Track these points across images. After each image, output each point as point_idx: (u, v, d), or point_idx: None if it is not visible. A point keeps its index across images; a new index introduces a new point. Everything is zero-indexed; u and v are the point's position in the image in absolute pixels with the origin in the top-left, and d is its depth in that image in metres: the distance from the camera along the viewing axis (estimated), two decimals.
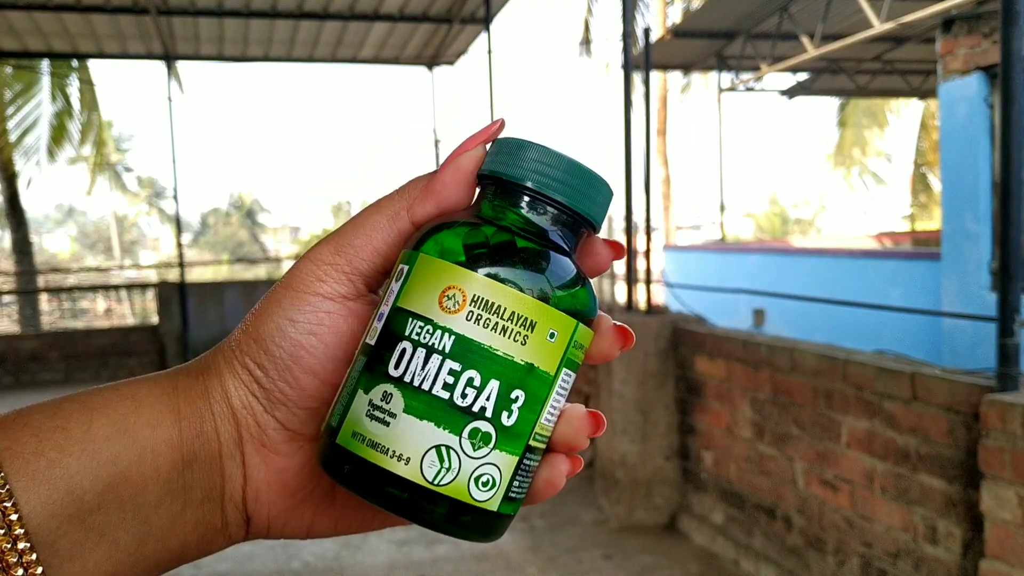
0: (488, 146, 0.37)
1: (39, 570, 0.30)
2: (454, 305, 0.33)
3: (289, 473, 0.37)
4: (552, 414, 0.35)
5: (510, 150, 0.36)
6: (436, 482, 0.33)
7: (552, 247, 0.35)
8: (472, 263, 0.34)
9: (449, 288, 0.33)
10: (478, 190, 0.38)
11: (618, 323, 0.38)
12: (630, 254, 4.56)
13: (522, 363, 0.34)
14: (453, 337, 0.33)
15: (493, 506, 0.34)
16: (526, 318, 0.33)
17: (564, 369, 0.35)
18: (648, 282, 4.41)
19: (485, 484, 0.33)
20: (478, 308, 0.33)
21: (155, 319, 8.69)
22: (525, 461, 0.35)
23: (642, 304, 4.45)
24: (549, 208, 0.36)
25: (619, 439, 3.97)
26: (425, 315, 0.33)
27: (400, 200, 0.37)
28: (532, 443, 0.35)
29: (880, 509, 2.70)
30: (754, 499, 3.40)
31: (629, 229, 4.54)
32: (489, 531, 0.35)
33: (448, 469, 0.33)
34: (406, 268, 0.35)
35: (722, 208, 11.34)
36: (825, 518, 2.97)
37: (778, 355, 3.19)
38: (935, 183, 18.13)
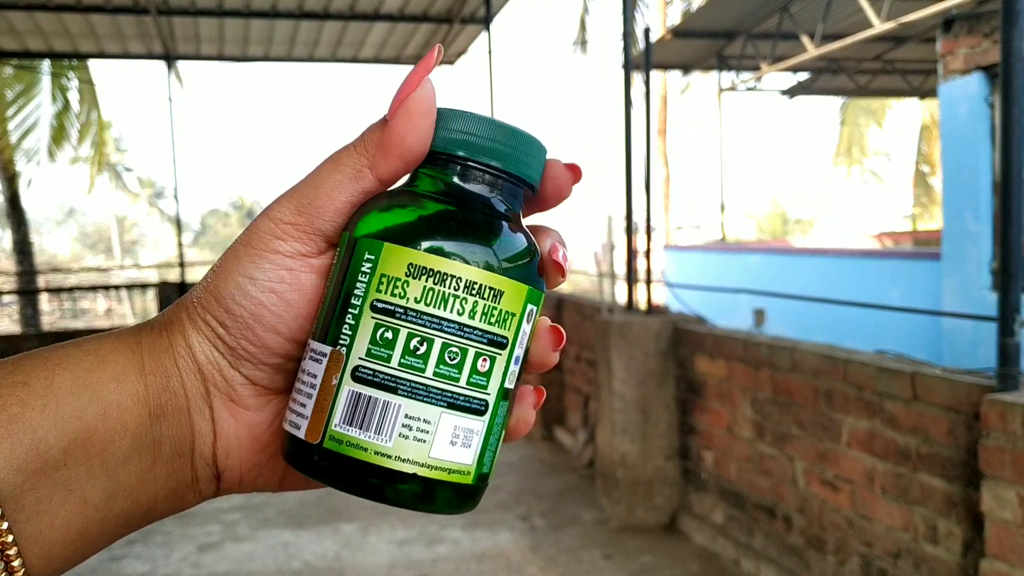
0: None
1: (5, 525, 0.29)
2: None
3: (260, 427, 0.37)
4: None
5: (440, 120, 0.35)
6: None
7: (492, 214, 0.35)
8: (413, 240, 0.33)
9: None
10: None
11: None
12: (630, 254, 4.56)
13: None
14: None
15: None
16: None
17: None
18: (648, 282, 4.41)
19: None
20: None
21: None
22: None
23: (642, 304, 4.45)
24: (485, 175, 0.35)
25: (619, 439, 3.97)
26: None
27: (359, 156, 0.35)
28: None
29: (880, 509, 2.70)
30: (754, 499, 3.39)
31: (629, 229, 4.54)
32: (471, 498, 0.35)
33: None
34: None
35: (722, 208, 11.33)
36: (825, 518, 2.97)
37: (778, 355, 3.19)
38: (935, 183, 18.12)
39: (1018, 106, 2.33)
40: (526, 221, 0.38)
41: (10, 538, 0.29)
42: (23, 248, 10.42)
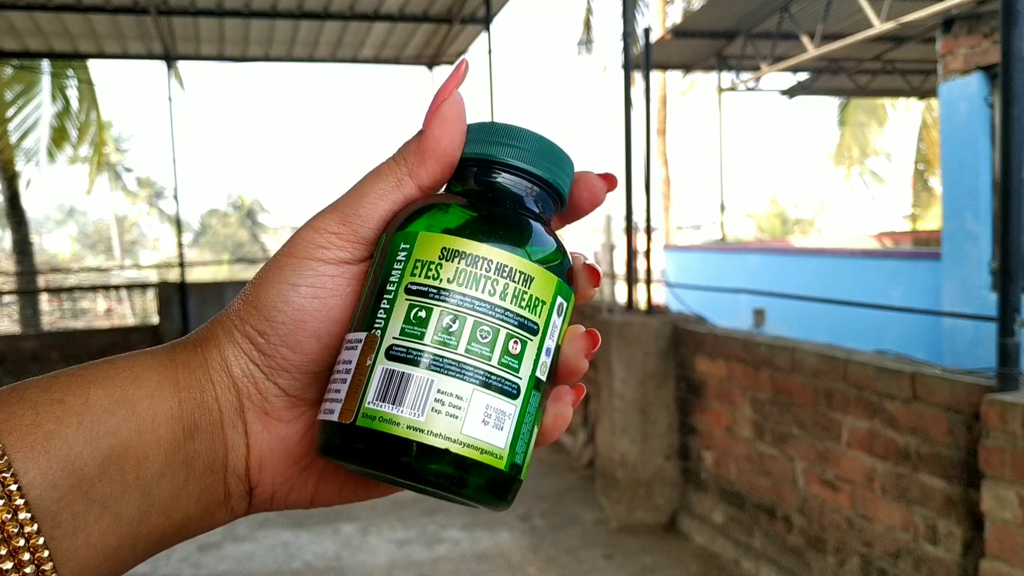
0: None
1: (41, 540, 0.29)
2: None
3: (292, 440, 0.37)
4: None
5: (475, 130, 0.38)
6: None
7: (526, 213, 0.37)
8: (448, 228, 0.35)
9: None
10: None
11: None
12: (630, 254, 4.56)
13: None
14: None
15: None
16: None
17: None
18: (648, 282, 4.41)
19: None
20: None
21: (155, 319, 8.69)
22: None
23: (642, 304, 4.45)
24: (518, 179, 0.37)
25: (619, 439, 3.97)
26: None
27: (400, 166, 0.37)
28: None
29: (880, 509, 2.70)
30: (754, 499, 3.40)
31: (629, 229, 4.54)
32: (504, 489, 0.35)
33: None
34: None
35: (722, 208, 11.33)
36: (825, 518, 2.97)
37: (778, 355, 3.19)
38: (935, 182, 18.12)
39: (1018, 106, 2.33)
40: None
41: (46, 553, 0.30)
42: (23, 248, 10.42)
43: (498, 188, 0.37)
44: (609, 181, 0.40)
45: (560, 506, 4.23)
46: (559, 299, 0.37)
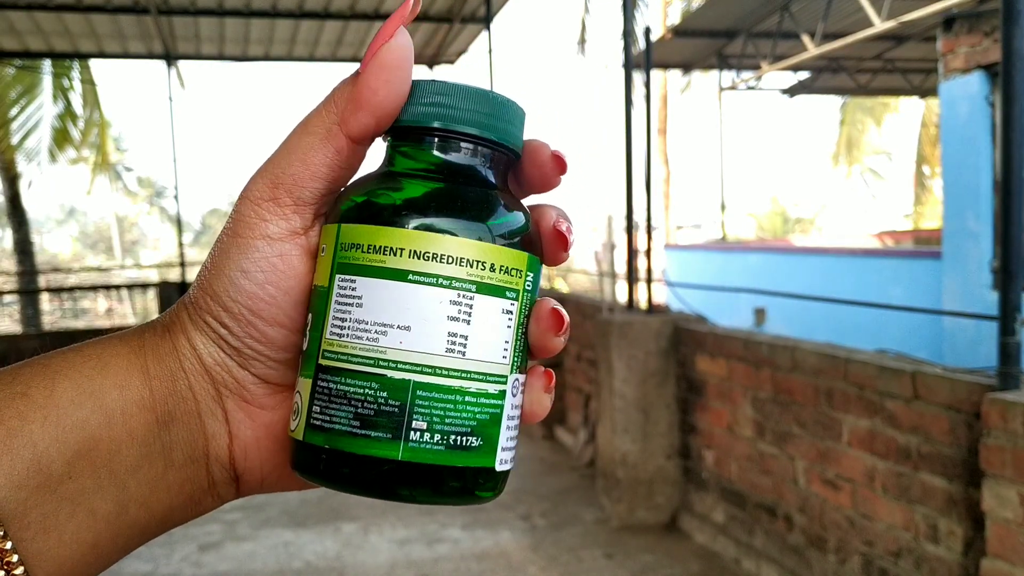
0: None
1: (8, 545, 0.28)
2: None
3: (278, 426, 0.35)
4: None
5: (411, 93, 0.33)
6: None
7: (483, 185, 0.33)
8: (400, 220, 0.31)
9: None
10: (388, 144, 0.35)
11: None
12: (631, 253, 4.56)
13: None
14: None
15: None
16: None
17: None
18: (649, 281, 4.41)
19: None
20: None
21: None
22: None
23: (643, 303, 4.45)
24: (464, 144, 0.33)
25: (620, 438, 3.97)
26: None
27: (329, 114, 0.33)
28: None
29: (881, 508, 2.70)
30: (755, 498, 3.39)
31: (630, 228, 4.54)
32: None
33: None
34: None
35: (723, 207, 11.33)
36: (826, 517, 2.97)
37: (779, 354, 3.19)
38: (935, 182, 18.11)
39: (1018, 105, 2.32)
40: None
41: (15, 558, 0.28)
42: (24, 248, 10.42)
43: (445, 160, 0.33)
44: (560, 165, 0.35)
45: (561, 505, 4.23)
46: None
